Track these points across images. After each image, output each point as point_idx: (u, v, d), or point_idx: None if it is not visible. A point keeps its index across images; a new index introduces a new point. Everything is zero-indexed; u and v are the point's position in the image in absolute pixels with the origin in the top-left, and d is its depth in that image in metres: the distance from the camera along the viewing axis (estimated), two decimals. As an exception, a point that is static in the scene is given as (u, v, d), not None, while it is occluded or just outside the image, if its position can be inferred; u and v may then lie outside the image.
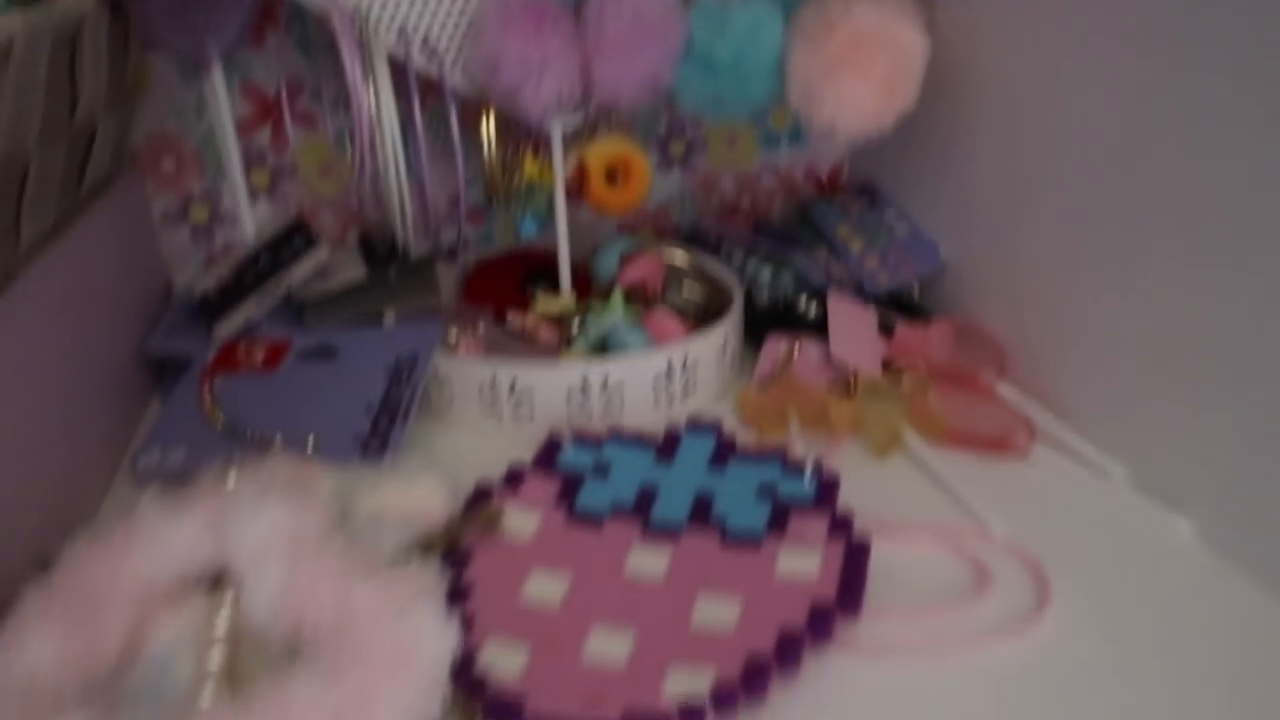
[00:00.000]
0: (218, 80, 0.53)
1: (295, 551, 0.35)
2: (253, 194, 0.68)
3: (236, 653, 0.36)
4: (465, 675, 0.36)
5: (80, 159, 0.50)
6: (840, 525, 0.45)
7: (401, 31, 0.55)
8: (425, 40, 0.56)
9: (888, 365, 0.60)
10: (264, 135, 0.67)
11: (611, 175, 0.61)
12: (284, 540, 0.36)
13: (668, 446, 0.51)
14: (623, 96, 0.55)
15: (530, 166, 0.58)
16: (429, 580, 0.35)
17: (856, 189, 0.75)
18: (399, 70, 0.55)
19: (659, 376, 0.56)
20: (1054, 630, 0.41)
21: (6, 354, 0.41)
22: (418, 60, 0.55)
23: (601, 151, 0.60)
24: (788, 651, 0.38)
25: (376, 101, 0.54)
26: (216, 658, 0.35)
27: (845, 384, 0.58)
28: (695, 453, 0.51)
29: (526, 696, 0.36)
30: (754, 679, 0.36)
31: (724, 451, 0.51)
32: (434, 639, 0.32)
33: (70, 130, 0.46)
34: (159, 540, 0.38)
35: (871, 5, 0.57)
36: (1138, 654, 0.40)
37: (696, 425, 0.52)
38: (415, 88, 0.54)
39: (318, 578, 0.34)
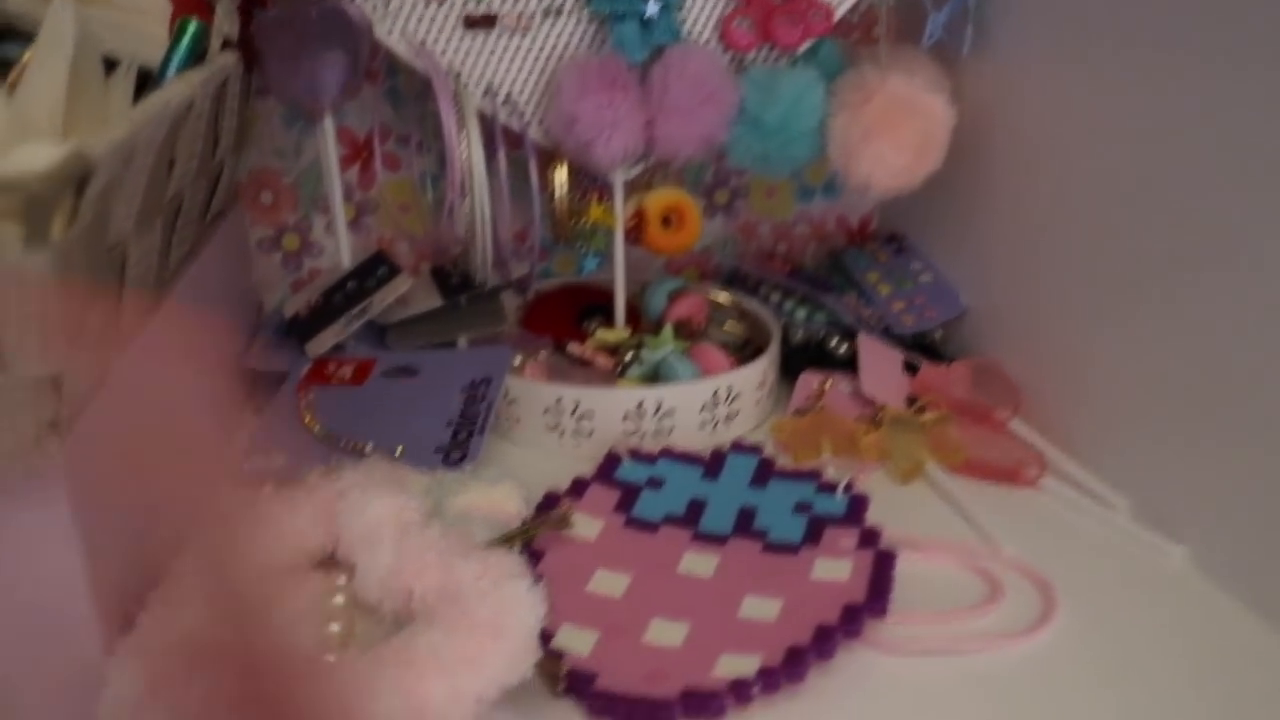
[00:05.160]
0: (328, 127, 0.60)
1: (401, 535, 0.42)
2: (338, 226, 0.75)
3: (352, 623, 0.42)
4: (545, 646, 0.42)
5: (210, 193, 0.57)
6: (869, 537, 0.51)
7: (488, 89, 0.62)
8: (509, 97, 0.63)
9: (911, 401, 0.66)
10: (352, 174, 0.74)
11: (666, 220, 0.67)
12: (391, 525, 0.42)
13: (714, 465, 0.57)
14: (681, 152, 0.62)
15: (595, 211, 0.65)
16: (517, 561, 0.41)
17: (885, 238, 0.82)
18: (485, 123, 0.62)
19: (706, 404, 0.62)
20: (1057, 639, 0.47)
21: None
22: (502, 115, 0.62)
23: (659, 199, 0.66)
24: (823, 643, 0.43)
25: (468, 150, 0.61)
26: (336, 629, 0.41)
27: (873, 416, 0.64)
28: (739, 472, 0.57)
29: (598, 672, 0.42)
30: (794, 664, 0.42)
31: (764, 472, 0.57)
32: (527, 607, 0.38)
33: (209, 169, 0.53)
34: (280, 527, 0.44)
35: (904, 76, 0.64)
36: (1133, 666, 0.45)
37: (740, 447, 0.59)
38: (500, 139, 0.61)
39: (423, 556, 0.41)
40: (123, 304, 0.40)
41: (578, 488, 0.55)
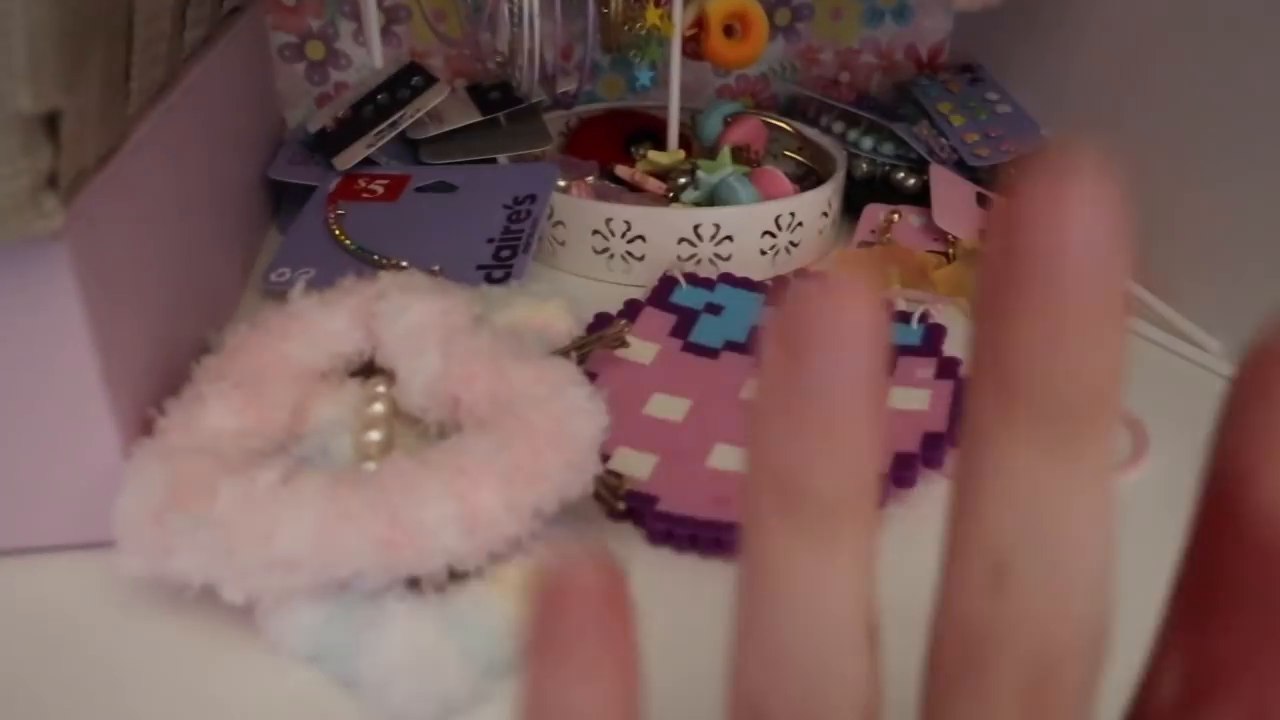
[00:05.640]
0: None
1: (447, 338, 0.38)
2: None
3: (393, 432, 0.38)
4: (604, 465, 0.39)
5: (227, -24, 0.51)
6: (948, 367, 0.46)
7: None
8: (558, -120, 0.56)
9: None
10: (381, -24, 0.68)
11: (729, 29, 0.61)
12: (436, 328, 0.38)
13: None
14: (750, -53, 0.56)
15: (652, 15, 0.59)
16: (575, 369, 0.37)
17: (958, 67, 0.75)
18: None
19: (767, 230, 0.57)
20: (1147, 480, 0.43)
21: (171, 149, 0.43)
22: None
23: (722, 4, 0.60)
24: (902, 470, 0.40)
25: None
26: (376, 436, 0.38)
27: (945, 249, 0.59)
28: None
29: (659, 495, 0.38)
30: None
31: None
32: (588, 417, 0.34)
33: (225, -58, 0.47)
34: (313, 329, 0.40)
35: None
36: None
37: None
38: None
39: (471, 361, 0.36)
40: (132, 63, 0.35)
41: (631, 309, 0.51)
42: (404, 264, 0.52)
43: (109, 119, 0.34)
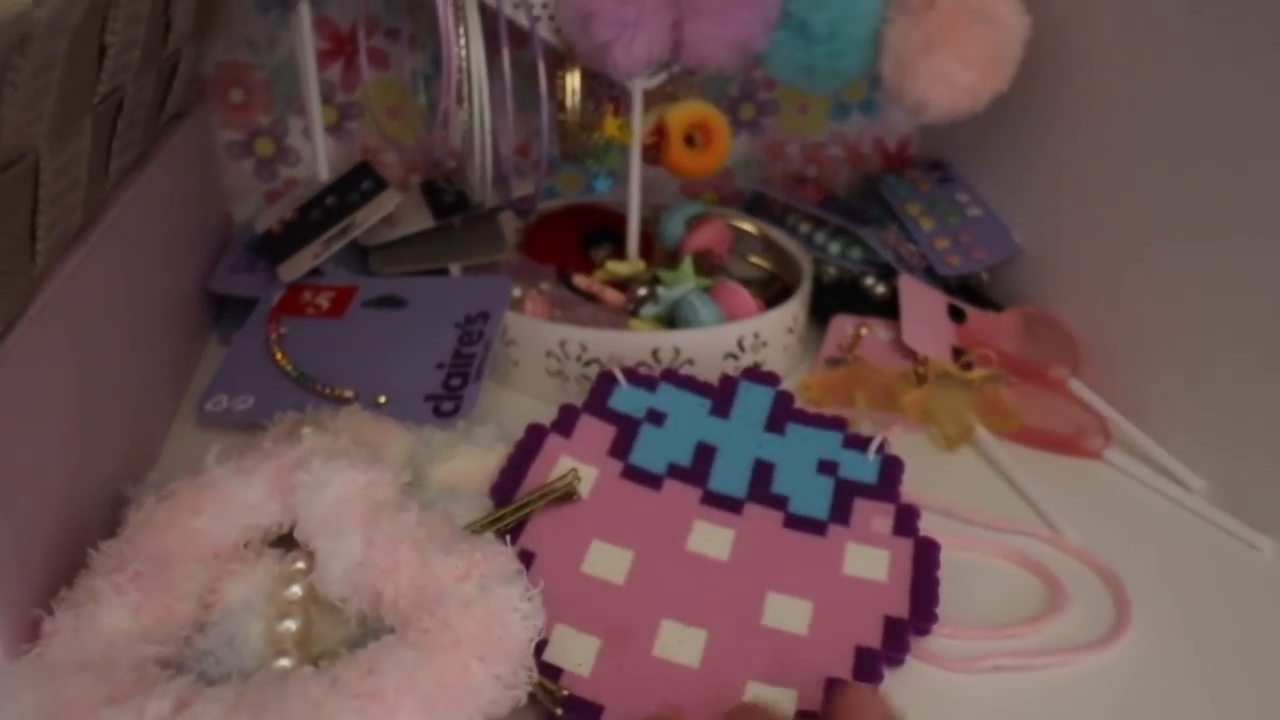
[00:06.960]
0: (303, 14, 0.52)
1: (371, 518, 0.35)
2: (319, 131, 0.66)
3: (310, 620, 0.35)
4: (538, 658, 0.35)
5: (164, 90, 0.48)
6: (905, 518, 0.44)
7: (490, -22, 0.54)
8: (514, -12, 0.54)
9: (958, 353, 0.59)
10: (334, 72, 0.65)
11: (689, 139, 0.59)
12: (358, 505, 0.35)
13: (724, 396, 0.49)
14: (712, 60, 0.54)
15: (610, 125, 0.57)
16: (510, 556, 0.34)
17: (927, 164, 0.74)
18: (488, 16, 0.53)
19: (729, 353, 0.55)
20: (1133, 645, 0.40)
21: (92, 290, 0.40)
22: (508, 7, 0.54)
23: (683, 114, 0.58)
24: (866, 669, 0.37)
25: (466, 49, 0.52)
26: (291, 626, 0.34)
27: (915, 370, 0.57)
28: (752, 408, 0.48)
29: (603, 704, 0.35)
30: None
31: (782, 412, 0.48)
32: (521, 618, 0.31)
33: (160, 60, 0.45)
34: (228, 501, 0.37)
35: (974, -20, 0.55)
36: (1219, 676, 0.39)
37: (753, 375, 0.50)
38: (504, 36, 0.52)
39: (395, 548, 0.33)
40: (38, 224, 0.32)
41: (566, 419, 0.47)
42: (349, 394, 0.50)
43: (10, 288, 0.31)
